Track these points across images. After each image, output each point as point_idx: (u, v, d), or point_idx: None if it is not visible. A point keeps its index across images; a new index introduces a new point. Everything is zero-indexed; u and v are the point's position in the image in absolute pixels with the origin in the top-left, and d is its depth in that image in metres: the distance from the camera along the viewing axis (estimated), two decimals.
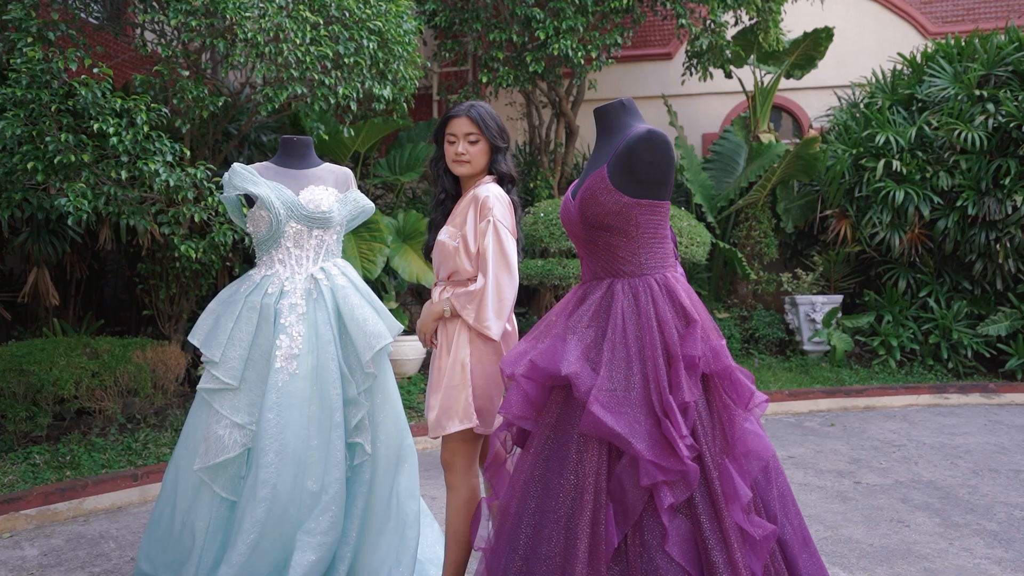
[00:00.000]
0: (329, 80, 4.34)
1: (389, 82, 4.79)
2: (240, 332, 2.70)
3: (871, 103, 7.76)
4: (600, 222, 2.09)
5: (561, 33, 5.79)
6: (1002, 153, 6.72)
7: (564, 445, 1.95)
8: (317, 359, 2.68)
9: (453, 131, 2.58)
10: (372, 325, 2.72)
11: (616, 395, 1.89)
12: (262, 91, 4.25)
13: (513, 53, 6.30)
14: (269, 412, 2.58)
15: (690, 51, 7.08)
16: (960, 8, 9.23)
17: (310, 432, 2.63)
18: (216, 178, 3.89)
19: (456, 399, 2.45)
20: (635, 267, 2.08)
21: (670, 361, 1.92)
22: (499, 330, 2.44)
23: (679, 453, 1.82)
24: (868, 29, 9.23)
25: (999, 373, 6.78)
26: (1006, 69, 6.97)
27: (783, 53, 7.63)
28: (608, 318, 2.02)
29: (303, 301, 2.73)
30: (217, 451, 2.64)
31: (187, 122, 4.15)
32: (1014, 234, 6.56)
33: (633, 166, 2.05)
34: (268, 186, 2.75)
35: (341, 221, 2.90)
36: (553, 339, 2.04)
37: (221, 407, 2.67)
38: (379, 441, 2.77)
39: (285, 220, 2.74)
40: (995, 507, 3.68)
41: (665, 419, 1.84)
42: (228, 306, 2.75)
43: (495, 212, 2.47)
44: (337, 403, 2.66)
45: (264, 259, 2.82)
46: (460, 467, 2.50)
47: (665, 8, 6.31)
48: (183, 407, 5.50)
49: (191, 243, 4.06)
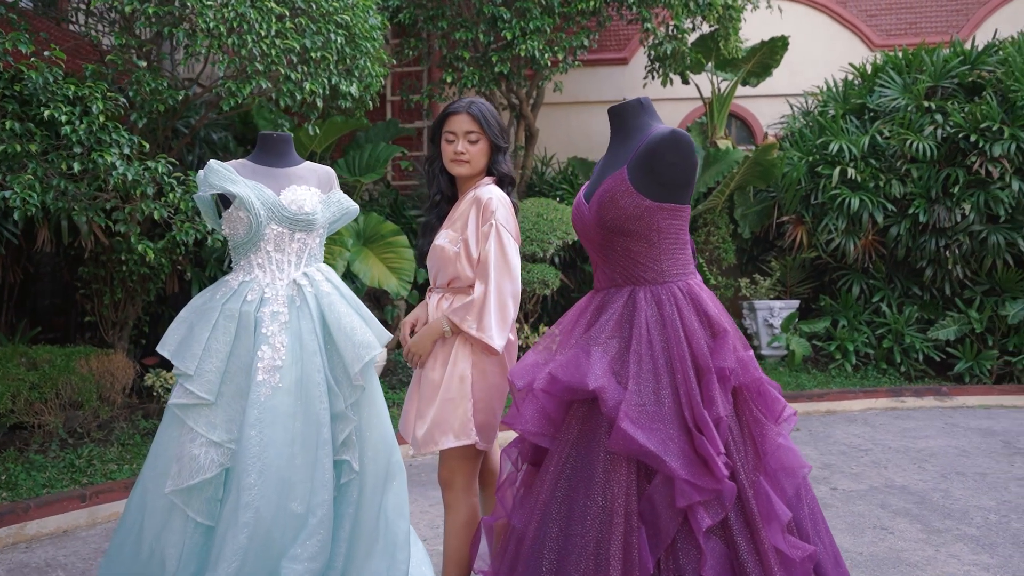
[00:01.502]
0: (295, 75, 4.13)
1: (355, 79, 4.60)
2: (217, 342, 2.49)
3: (824, 111, 7.91)
4: (619, 226, 1.98)
5: (528, 34, 5.69)
6: (951, 163, 6.92)
7: (589, 464, 1.83)
8: (302, 371, 2.49)
9: (452, 128, 2.45)
10: (360, 334, 2.55)
11: (646, 410, 1.79)
12: (224, 84, 4.00)
13: (478, 53, 6.17)
14: (251, 429, 2.39)
15: (652, 56, 7.08)
16: (903, 22, 9.52)
17: (294, 450, 2.45)
18: (177, 173, 3.64)
19: (452, 414, 2.31)
20: (656, 274, 1.98)
21: (700, 373, 1.83)
22: (503, 341, 2.31)
23: (715, 471, 1.72)
24: (817, 40, 9.43)
25: (948, 376, 6.97)
26: (952, 81, 7.19)
27: (740, 61, 7.71)
28: (632, 328, 1.91)
29: (286, 309, 2.54)
30: (192, 472, 2.43)
31: (143, 116, 3.88)
32: (962, 241, 6.76)
33: (655, 167, 1.95)
34: (247, 185, 2.56)
35: (324, 224, 2.72)
36: (575, 350, 1.92)
37: (196, 424, 2.46)
38: (366, 457, 2.60)
39: (265, 222, 2.55)
40: (970, 511, 3.73)
41: (699, 435, 1.75)
42: (203, 314, 2.54)
43: (498, 215, 2.35)
44: (324, 418, 2.48)
45: (242, 264, 2.62)
46: (460, 485, 2.36)
47: (631, 11, 6.28)
48: (130, 420, 5.17)
49: (149, 243, 3.79)
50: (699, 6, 6.35)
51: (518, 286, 2.37)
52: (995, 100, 6.83)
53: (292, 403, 2.46)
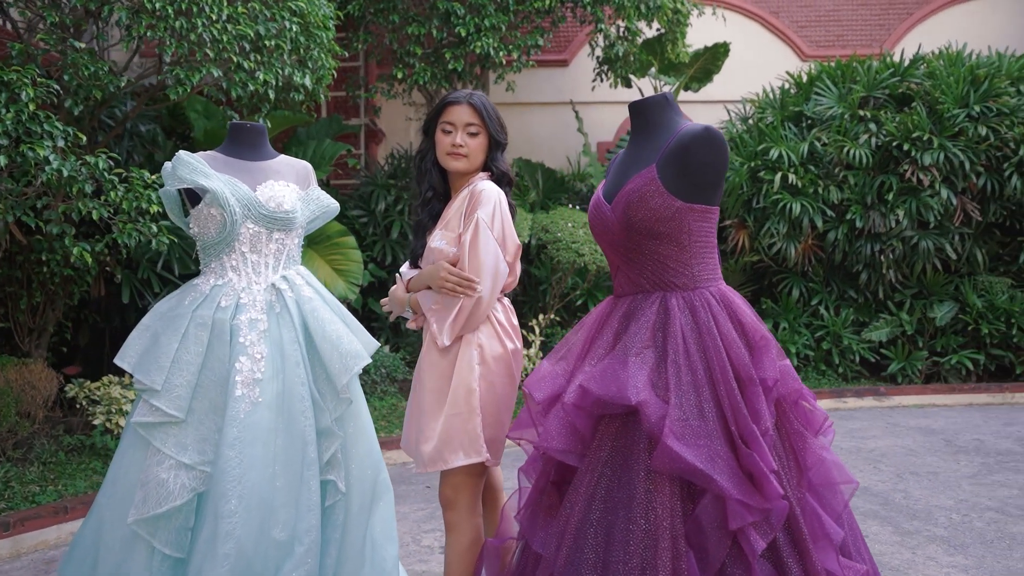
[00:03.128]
0: (248, 64, 3.85)
1: (309, 70, 4.35)
2: (187, 353, 2.24)
3: (762, 118, 8.06)
4: (648, 228, 1.87)
5: (483, 31, 5.55)
6: (885, 170, 7.16)
7: (627, 484, 1.71)
8: (283, 384, 2.28)
9: (451, 119, 2.27)
10: (347, 343, 2.35)
11: (689, 425, 1.68)
12: (172, 72, 3.69)
13: (430, 49, 5.98)
14: (229, 450, 2.16)
15: (601, 58, 7.05)
16: (832, 34, 9.86)
17: (275, 470, 2.23)
18: (119, 169, 3.32)
19: (460, 429, 2.14)
20: (688, 279, 1.88)
21: (742, 385, 1.73)
22: (449, 339, 2.16)
23: (767, 489, 1.62)
24: (751, 48, 9.63)
25: (881, 376, 7.21)
26: (883, 92, 7.45)
27: (683, 65, 7.78)
28: (666, 337, 1.80)
29: (264, 316, 2.32)
30: (159, 499, 2.17)
31: (78, 103, 3.52)
32: (896, 246, 7.00)
33: (688, 166, 1.85)
34: (221, 179, 2.32)
35: (303, 223, 2.51)
36: (608, 361, 1.79)
37: (164, 445, 2.21)
38: (352, 477, 2.40)
39: (241, 220, 2.32)
40: (933, 511, 3.80)
41: (748, 450, 1.64)
42: (170, 322, 2.29)
43: (482, 210, 2.18)
44: (310, 435, 2.26)
45: (213, 266, 2.37)
46: (464, 505, 2.19)
47: (585, 11, 6.22)
48: (51, 436, 4.73)
49: (85, 245, 3.44)
50: (649, 9, 6.35)
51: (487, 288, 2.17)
52: (924, 111, 7.11)
53: (273, 419, 2.24)
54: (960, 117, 6.96)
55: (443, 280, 2.16)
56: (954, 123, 6.94)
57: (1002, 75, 7.21)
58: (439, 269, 2.18)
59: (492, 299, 2.18)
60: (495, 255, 2.16)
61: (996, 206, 7.09)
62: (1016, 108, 7.01)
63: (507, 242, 2.22)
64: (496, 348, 2.20)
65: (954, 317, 7.11)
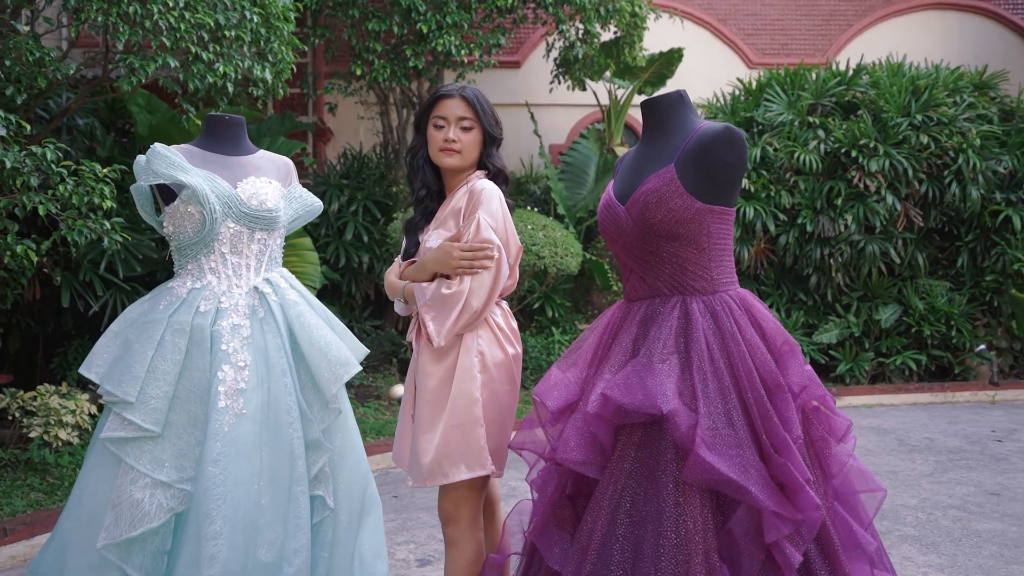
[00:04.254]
0: (207, 55, 3.64)
1: (268, 64, 4.15)
2: (164, 362, 2.07)
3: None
4: (667, 230, 1.80)
5: (444, 28, 5.43)
6: (833, 176, 7.33)
7: (655, 497, 1.63)
8: (268, 394, 2.13)
9: (443, 114, 2.17)
10: (336, 350, 2.22)
11: (719, 434, 1.62)
12: (125, 60, 3.45)
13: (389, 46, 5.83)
14: (212, 466, 2.00)
15: (559, 60, 7.01)
16: (777, 43, 10.08)
17: (260, 487, 2.08)
18: (67, 161, 3.08)
19: (463, 441, 2.03)
20: (707, 283, 1.82)
21: (769, 392, 1.68)
22: (446, 340, 2.05)
23: (801, 500, 1.57)
24: (699, 54, 9.76)
25: (830, 377, 7.37)
26: (831, 100, 7.64)
27: (639, 69, 7.81)
28: (689, 343, 1.73)
29: (247, 321, 2.17)
30: (133, 521, 2.00)
31: (22, 91, 3.26)
32: (844, 250, 7.18)
33: (709, 166, 1.79)
34: (199, 175, 2.16)
35: (286, 222, 2.37)
36: (631, 368, 1.71)
37: (138, 462, 2.03)
38: (340, 491, 2.27)
39: (221, 219, 2.16)
40: (900, 511, 3.87)
41: (781, 460, 1.59)
42: (144, 329, 2.11)
43: (483, 210, 2.08)
44: (298, 449, 2.12)
45: (189, 268, 2.21)
46: (466, 520, 2.08)
47: (547, 12, 6.17)
48: None
49: (30, 243, 3.19)
50: (608, 12, 6.34)
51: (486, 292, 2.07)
52: (869, 119, 7.32)
53: (258, 432, 2.10)
54: (903, 126, 7.19)
55: (458, 262, 2.04)
56: (898, 131, 7.17)
57: (939, 86, 7.48)
58: (449, 252, 2.05)
59: (491, 302, 2.08)
60: (498, 263, 2.06)
61: (937, 212, 7.36)
62: (953, 118, 7.29)
63: (509, 244, 2.13)
64: (498, 354, 2.10)
65: (898, 319, 7.33)
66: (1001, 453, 5.07)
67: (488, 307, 2.07)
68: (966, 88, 7.65)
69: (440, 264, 2.08)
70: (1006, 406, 6.68)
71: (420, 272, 2.14)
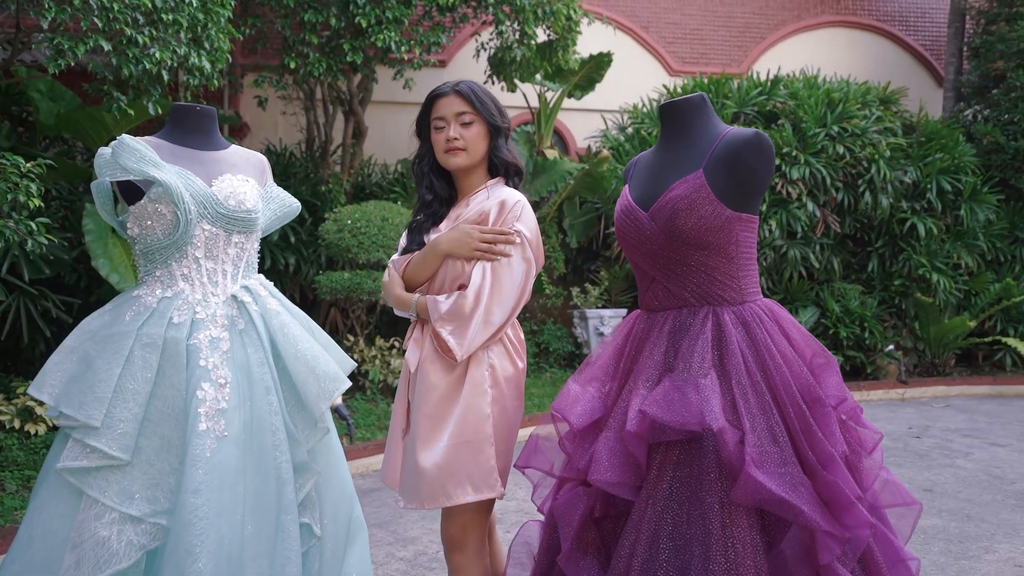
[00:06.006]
0: (142, 39, 3.33)
1: (205, 51, 3.86)
2: (133, 381, 1.84)
3: (639, 129, 8.28)
4: (696, 238, 1.74)
5: (384, 23, 5.22)
6: None
7: (700, 519, 1.56)
8: (251, 413, 1.93)
9: (440, 114, 2.04)
10: (324, 365, 2.04)
11: (764, 451, 1.56)
12: (52, 40, 3.10)
13: (324, 39, 5.55)
14: (193, 496, 1.79)
15: (494, 60, 6.91)
16: (695, 52, 10.34)
17: (244, 517, 1.88)
18: None
19: (472, 461, 1.91)
20: (736, 292, 1.77)
21: (809, 405, 1.64)
22: (468, 353, 1.93)
23: (850, 518, 1.53)
24: (623, 61, 9.87)
25: None
26: (753, 109, 7.88)
27: (569, 73, 7.82)
28: (725, 356, 1.67)
29: (226, 334, 1.96)
30: (98, 562, 1.76)
31: None
32: (768, 255, 7.41)
33: (738, 172, 1.74)
34: (172, 171, 1.94)
35: (264, 224, 2.16)
36: (670, 384, 1.63)
37: (103, 495, 1.80)
38: (326, 517, 2.09)
39: (196, 220, 1.95)
40: None
41: (831, 477, 1.55)
42: (107, 343, 1.87)
43: (523, 225, 1.98)
44: (286, 474, 1.93)
45: (158, 274, 1.98)
46: (473, 546, 1.95)
47: (487, 13, 6.05)
48: None
49: None
50: (546, 13, 6.30)
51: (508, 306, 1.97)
52: (790, 128, 7.59)
53: (240, 456, 1.90)
54: (820, 136, 7.50)
55: (477, 243, 1.91)
56: (816, 141, 7.46)
57: (852, 100, 7.85)
58: (469, 232, 1.92)
59: (513, 317, 1.97)
60: (527, 272, 1.96)
61: (851, 219, 7.71)
62: (865, 130, 7.66)
63: (537, 260, 2.01)
64: (508, 368, 1.98)
65: (816, 321, 7.63)
66: (922, 449, 5.34)
67: (511, 321, 1.96)
68: (873, 102, 8.06)
69: (457, 245, 1.95)
70: (915, 403, 7.07)
71: (430, 255, 2.00)
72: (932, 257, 7.80)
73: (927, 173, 7.83)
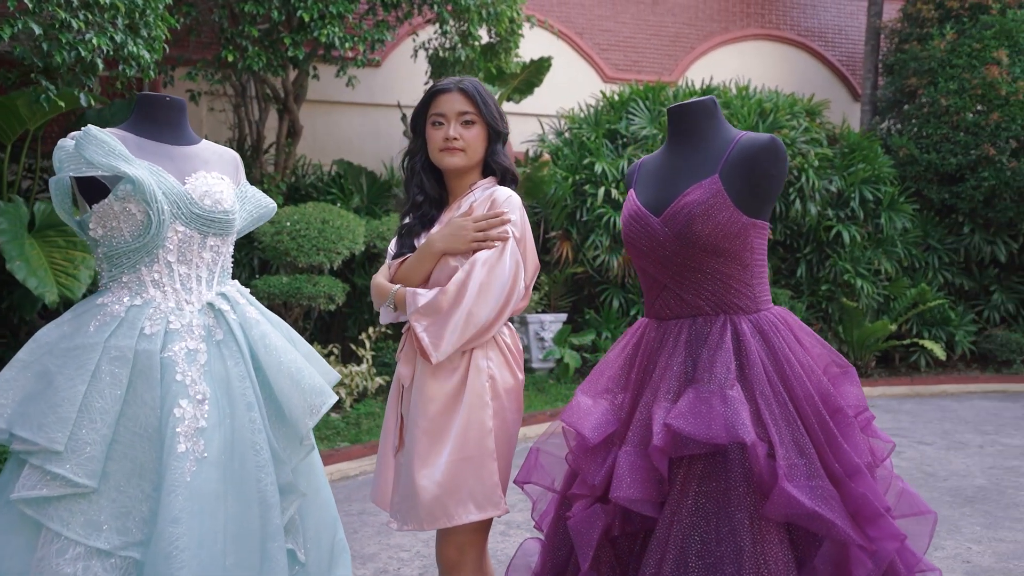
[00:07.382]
0: (77, 23, 3.06)
1: (143, 39, 3.60)
2: (101, 399, 1.66)
3: (578, 134, 8.31)
4: (712, 245, 1.70)
5: (328, 18, 5.02)
6: None
7: (729, 535, 1.51)
8: (232, 432, 1.77)
9: (441, 110, 1.94)
10: (309, 378, 1.90)
11: (793, 463, 1.52)
12: None
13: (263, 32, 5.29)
14: (172, 525, 1.62)
15: (433, 60, 6.79)
16: (628, 59, 10.48)
17: (225, 546, 1.72)
18: None
19: (474, 477, 1.81)
20: (750, 300, 1.73)
21: (831, 415, 1.62)
22: (446, 353, 1.84)
23: (879, 530, 1.51)
24: (560, 66, 9.89)
25: None
26: None
27: (509, 76, 7.77)
28: (745, 366, 1.63)
29: (203, 345, 1.79)
30: None
31: None
32: None
33: (754, 178, 1.71)
34: (143, 167, 1.76)
35: (240, 226, 2.00)
36: (694, 396, 1.58)
37: (66, 527, 1.61)
38: (310, 541, 1.95)
39: (169, 220, 1.78)
40: None
41: (860, 489, 1.53)
42: (69, 357, 1.68)
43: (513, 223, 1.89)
44: (271, 497, 1.78)
45: (125, 280, 1.79)
46: (471, 566, 1.86)
47: (432, 11, 5.92)
48: None
49: None
50: (490, 15, 6.23)
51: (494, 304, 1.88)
52: None
53: (219, 479, 1.74)
54: None
55: (472, 234, 1.84)
56: None
57: (781, 110, 8.10)
58: (463, 225, 1.84)
59: (503, 317, 1.87)
60: (515, 273, 1.86)
61: (782, 226, 7.94)
62: (794, 140, 7.91)
63: (527, 260, 1.92)
64: (508, 379, 1.89)
65: None
66: None
67: (499, 322, 1.86)
68: (800, 113, 8.34)
69: (452, 240, 1.86)
70: None
71: (426, 256, 1.90)
72: (856, 263, 8.12)
73: (851, 183, 8.15)
